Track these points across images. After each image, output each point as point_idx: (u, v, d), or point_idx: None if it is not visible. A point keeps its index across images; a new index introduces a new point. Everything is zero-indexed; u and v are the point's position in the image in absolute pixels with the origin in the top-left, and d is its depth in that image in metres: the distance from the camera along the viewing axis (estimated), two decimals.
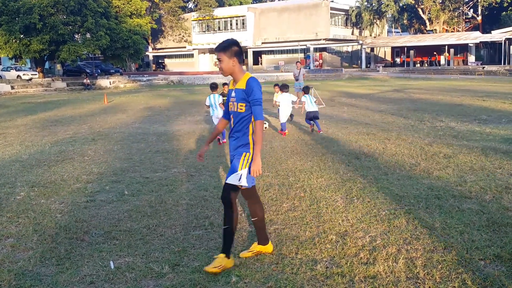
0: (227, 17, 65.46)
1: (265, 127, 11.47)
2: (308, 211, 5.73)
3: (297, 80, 20.99)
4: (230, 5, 75.46)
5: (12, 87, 37.03)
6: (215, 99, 10.92)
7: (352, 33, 65.65)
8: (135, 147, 10.59)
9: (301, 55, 59.78)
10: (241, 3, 76.40)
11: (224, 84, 14.14)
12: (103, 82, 41.81)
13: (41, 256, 4.60)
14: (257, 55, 67.50)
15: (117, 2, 44.03)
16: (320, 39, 59.12)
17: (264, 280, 4.00)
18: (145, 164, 8.75)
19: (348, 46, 65.27)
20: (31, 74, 44.45)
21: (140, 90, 35.14)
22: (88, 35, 41.16)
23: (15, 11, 36.49)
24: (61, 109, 21.09)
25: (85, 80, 40.07)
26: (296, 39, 59.18)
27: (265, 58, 67.04)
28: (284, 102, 12.02)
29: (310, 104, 11.97)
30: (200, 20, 65.99)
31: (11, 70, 46.47)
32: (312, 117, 11.92)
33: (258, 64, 67.11)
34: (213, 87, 11.08)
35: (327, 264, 4.27)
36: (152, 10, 60.55)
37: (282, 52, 64.37)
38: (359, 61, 61.43)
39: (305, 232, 5.06)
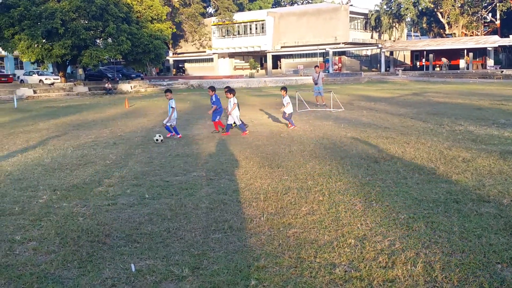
0: (247, 22, 65.67)
1: (161, 140, 11.90)
2: (327, 215, 5.74)
3: (316, 84, 21.00)
4: (249, 9, 75.72)
5: (35, 92, 37.69)
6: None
7: (371, 37, 65.31)
8: (156, 151, 10.71)
9: (320, 59, 59.66)
10: (260, 8, 76.61)
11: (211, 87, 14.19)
12: (124, 86, 42.29)
13: (63, 259, 4.69)
14: (276, 59, 67.61)
15: (138, 7, 44.48)
16: (339, 43, 58.94)
17: (283, 284, 4.03)
18: (165, 167, 8.85)
19: (367, 49, 64.99)
20: (53, 79, 45.19)
21: (160, 95, 35.43)
22: (109, 40, 41.61)
23: (37, 16, 37.09)
24: (83, 113, 21.39)
25: (106, 85, 40.57)
26: (315, 43, 59.11)
27: (284, 62, 67.10)
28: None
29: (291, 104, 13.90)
30: (220, 24, 66.33)
31: (34, 75, 47.29)
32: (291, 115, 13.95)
33: (277, 68, 67.18)
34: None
35: (345, 268, 4.28)
36: (172, 15, 61.06)
37: (301, 56, 64.35)
38: (378, 65, 61.06)
39: (324, 235, 5.08)
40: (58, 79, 45.20)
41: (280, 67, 67.57)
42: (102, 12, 38.94)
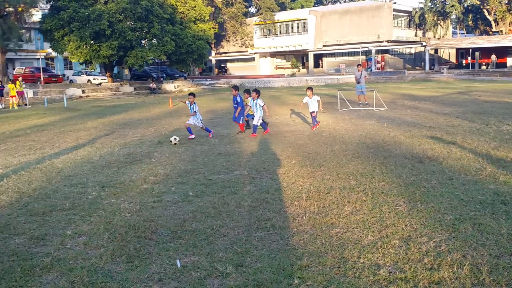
0: (288, 21, 65.55)
1: (176, 142, 11.66)
2: (370, 215, 5.70)
3: (358, 82, 20.81)
4: (291, 8, 75.57)
5: (83, 91, 38.92)
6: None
7: (416, 35, 63.99)
8: (199, 150, 10.87)
9: (363, 57, 58.92)
10: (302, 7, 76.31)
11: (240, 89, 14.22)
12: (168, 86, 43.07)
13: (112, 254, 4.84)
14: (318, 58, 67.18)
15: (182, 8, 45.12)
16: (382, 41, 58.02)
17: (326, 283, 4.03)
18: (208, 166, 8.98)
19: (411, 47, 63.71)
20: (101, 79, 46.49)
21: (203, 94, 35.86)
22: (154, 41, 42.44)
23: (86, 18, 38.22)
24: (129, 112, 21.91)
25: (151, 85, 41.43)
26: (358, 41, 58.40)
27: (326, 60, 66.62)
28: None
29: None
30: (262, 24, 66.51)
31: (82, 75, 48.79)
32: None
33: (318, 67, 66.77)
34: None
35: (390, 269, 4.25)
36: (215, 15, 61.63)
37: (343, 54, 63.75)
38: (423, 63, 59.76)
39: (368, 236, 5.05)
40: (105, 79, 46.44)
41: (322, 66, 67.13)
42: (147, 13, 39.75)
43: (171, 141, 11.73)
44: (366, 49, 58.00)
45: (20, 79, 31.28)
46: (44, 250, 5.00)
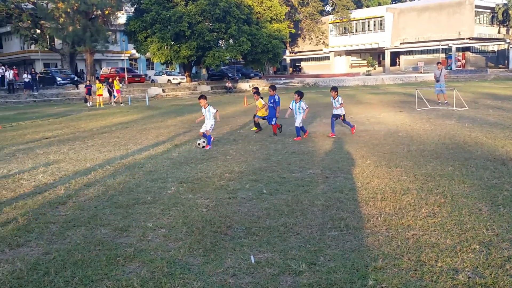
0: (365, 19, 64.37)
1: (203, 146, 11.25)
2: (449, 218, 5.52)
3: (438, 81, 20.16)
4: (367, 6, 74.10)
5: (163, 90, 40.44)
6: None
7: (499, 32, 60.77)
8: (273, 148, 10.98)
9: (442, 55, 56.67)
10: (379, 4, 74.61)
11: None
12: (243, 85, 43.80)
13: (189, 247, 5.01)
14: (395, 56, 65.46)
15: (259, 8, 45.58)
16: (463, 38, 55.59)
17: (402, 286, 3.96)
18: (282, 164, 9.05)
19: (494, 45, 60.53)
20: (180, 79, 48.01)
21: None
22: (231, 41, 43.27)
23: (167, 20, 39.60)
24: None
25: (227, 84, 42.32)
26: (437, 39, 56.31)
27: (403, 58, 64.78)
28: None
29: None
30: (337, 22, 65.78)
31: (163, 75, 50.62)
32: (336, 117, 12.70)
33: (395, 65, 65.04)
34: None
35: (469, 274, 4.11)
36: (291, 14, 61.69)
37: (421, 52, 61.71)
38: (506, 61, 56.57)
39: (446, 239, 4.90)
40: (184, 79, 47.91)
41: (399, 64, 65.34)
42: (225, 14, 40.54)
43: (199, 144, 11.35)
44: (446, 46, 55.82)
45: (117, 78, 33.18)
46: (127, 241, 5.28)
